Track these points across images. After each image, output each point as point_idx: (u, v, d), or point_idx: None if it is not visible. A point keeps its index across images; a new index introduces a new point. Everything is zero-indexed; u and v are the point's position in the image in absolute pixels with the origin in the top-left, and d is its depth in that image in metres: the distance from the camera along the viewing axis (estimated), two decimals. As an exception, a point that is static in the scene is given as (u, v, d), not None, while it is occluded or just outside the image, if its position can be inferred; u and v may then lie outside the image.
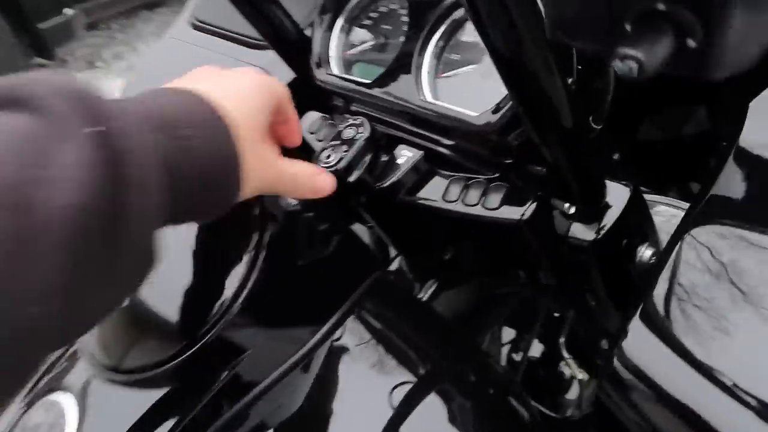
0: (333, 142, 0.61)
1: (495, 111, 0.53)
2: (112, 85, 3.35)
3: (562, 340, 0.78)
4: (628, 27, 0.19)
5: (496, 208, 0.55)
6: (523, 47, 0.36)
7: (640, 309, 0.46)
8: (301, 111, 0.80)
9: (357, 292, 0.54)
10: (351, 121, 0.59)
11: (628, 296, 0.61)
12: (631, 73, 0.19)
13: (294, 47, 0.72)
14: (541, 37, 0.36)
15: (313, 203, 0.57)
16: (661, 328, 0.44)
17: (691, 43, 0.18)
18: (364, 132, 0.58)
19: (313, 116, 0.75)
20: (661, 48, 0.18)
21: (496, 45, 0.37)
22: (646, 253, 0.60)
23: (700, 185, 0.66)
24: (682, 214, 0.51)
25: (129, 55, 3.63)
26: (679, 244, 0.47)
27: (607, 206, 0.57)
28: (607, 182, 0.57)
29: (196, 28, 0.99)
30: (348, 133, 0.59)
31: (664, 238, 0.63)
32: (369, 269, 0.58)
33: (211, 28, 0.97)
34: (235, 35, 0.93)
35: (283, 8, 0.68)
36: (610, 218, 0.56)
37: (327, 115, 0.74)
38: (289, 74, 0.81)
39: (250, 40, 0.90)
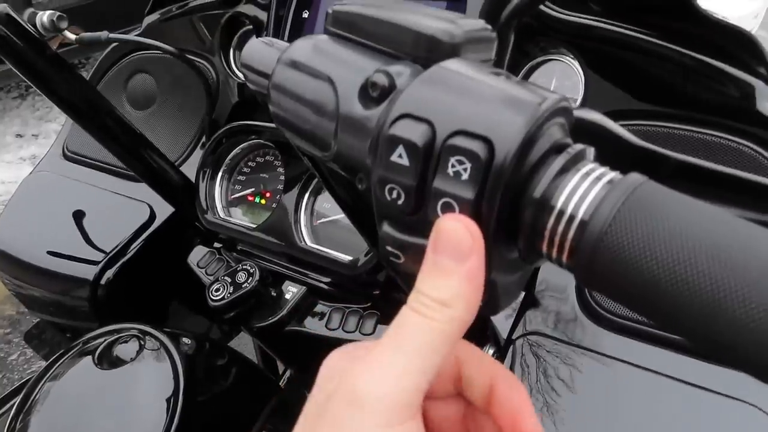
0: (225, 279, 0.69)
1: (366, 254, 0.66)
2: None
3: None
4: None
5: (372, 333, 0.67)
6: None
7: None
8: (188, 245, 0.87)
9: (261, 418, 0.62)
10: (245, 267, 0.69)
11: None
12: None
13: (174, 187, 0.80)
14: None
15: (206, 338, 0.65)
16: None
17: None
18: (253, 280, 0.68)
19: (201, 251, 0.83)
20: None
21: (357, 223, 0.50)
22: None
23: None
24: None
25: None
26: (510, 348, 0.62)
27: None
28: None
29: (68, 159, 1.02)
30: (241, 276, 0.68)
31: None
32: (268, 393, 0.66)
33: (84, 159, 1.01)
34: (111, 167, 0.97)
35: (159, 152, 0.75)
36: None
37: (214, 250, 0.82)
38: (170, 208, 0.88)
39: (126, 171, 0.95)
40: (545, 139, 0.26)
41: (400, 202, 0.27)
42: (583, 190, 0.25)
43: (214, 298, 0.68)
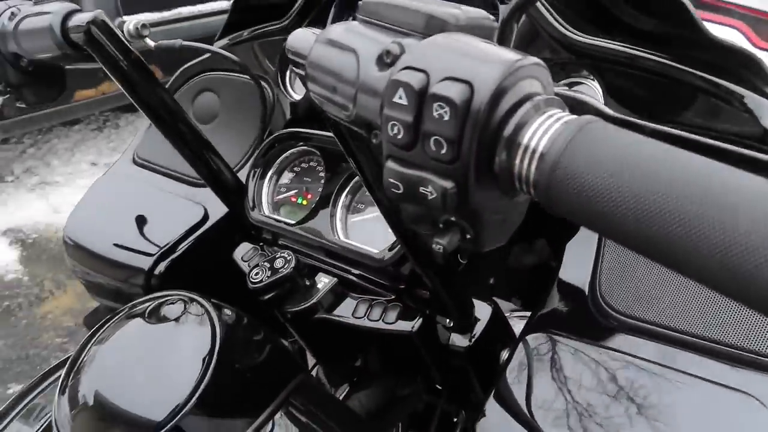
0: (264, 264, 0.76)
1: (390, 249, 0.72)
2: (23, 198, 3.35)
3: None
4: (441, 226, 0.38)
5: (393, 323, 0.72)
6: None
7: (492, 393, 0.64)
8: (236, 242, 0.95)
9: (284, 392, 0.68)
10: (282, 254, 0.76)
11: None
12: (439, 251, 0.37)
13: (230, 190, 0.89)
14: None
15: (245, 314, 0.71)
16: (511, 407, 0.62)
17: (468, 236, 0.37)
18: (289, 266, 0.74)
19: (246, 247, 0.91)
20: (453, 239, 0.36)
21: (381, 205, 0.56)
22: (505, 354, 0.78)
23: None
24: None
25: (41, 170, 3.65)
26: (520, 345, 0.66)
27: (476, 320, 0.75)
28: (475, 301, 0.75)
29: (137, 164, 1.14)
30: (278, 263, 0.75)
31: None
32: (293, 373, 0.72)
33: (152, 165, 1.12)
34: (174, 173, 1.08)
35: (221, 156, 0.85)
36: (478, 329, 0.75)
37: (258, 246, 0.90)
38: (224, 208, 0.97)
39: (187, 178, 1.06)
40: (518, 89, 0.32)
41: (399, 136, 0.34)
42: (544, 128, 0.31)
43: (253, 280, 0.75)
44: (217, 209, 0.99)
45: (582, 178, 0.28)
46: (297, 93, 1.00)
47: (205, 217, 0.99)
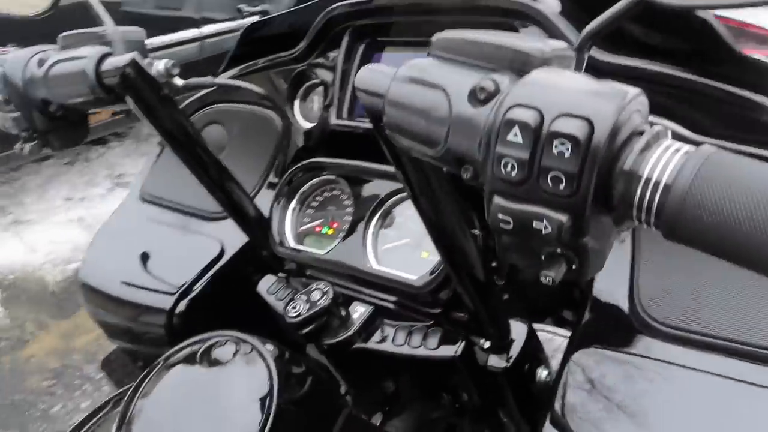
0: (301, 297, 0.76)
1: (431, 273, 0.72)
2: (-5, 239, 3.25)
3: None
4: (543, 257, 0.38)
5: (435, 348, 0.72)
6: (454, 234, 0.56)
7: (548, 417, 0.64)
8: (252, 273, 0.95)
9: (336, 427, 0.67)
10: (318, 287, 0.76)
11: (532, 410, 0.80)
12: (548, 282, 0.38)
13: (251, 220, 0.88)
14: (463, 225, 0.57)
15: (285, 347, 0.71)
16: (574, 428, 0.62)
17: (574, 266, 0.38)
18: (328, 298, 0.74)
19: (270, 279, 0.90)
20: (561, 269, 0.37)
21: (435, 234, 0.57)
22: (542, 373, 0.79)
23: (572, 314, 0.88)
24: (561, 339, 0.71)
25: (14, 208, 3.56)
26: (569, 363, 0.67)
27: (512, 340, 0.76)
28: (510, 321, 0.76)
29: (146, 201, 1.12)
30: (315, 295, 0.75)
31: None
32: (339, 406, 0.71)
33: (161, 201, 1.11)
34: (185, 208, 1.07)
35: (242, 188, 0.84)
36: (516, 348, 0.75)
37: (282, 278, 0.89)
38: (240, 241, 0.96)
39: (200, 212, 1.05)
40: (631, 122, 0.33)
41: (513, 173, 0.34)
42: (665, 159, 0.32)
43: (291, 315, 0.74)
44: (233, 243, 0.98)
45: (715, 207, 0.29)
46: (308, 121, 1.00)
47: (222, 252, 0.98)
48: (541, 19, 0.78)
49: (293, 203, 0.89)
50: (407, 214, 0.80)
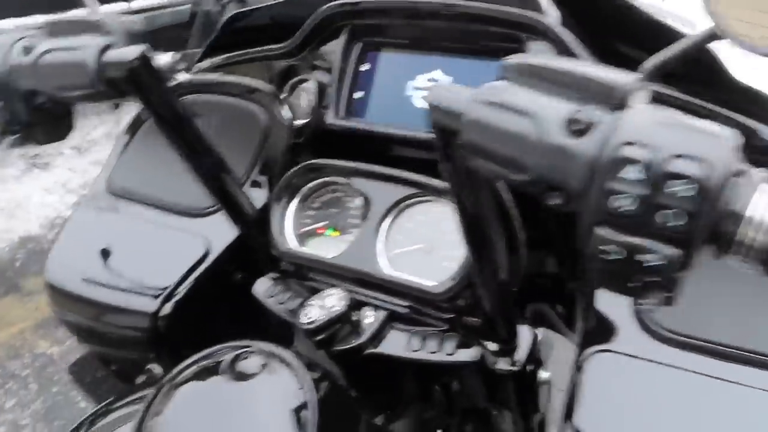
0: (313, 303, 0.74)
1: (453, 278, 0.72)
2: None
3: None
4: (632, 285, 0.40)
5: (452, 353, 0.73)
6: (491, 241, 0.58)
7: (559, 421, 0.67)
8: (246, 274, 0.91)
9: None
10: (332, 293, 0.74)
11: (533, 410, 0.83)
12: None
13: (248, 217, 0.84)
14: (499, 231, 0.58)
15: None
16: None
17: (667, 294, 0.40)
18: (344, 303, 0.73)
19: (267, 282, 0.87)
20: (659, 298, 0.39)
21: (472, 238, 0.58)
22: (543, 375, 0.81)
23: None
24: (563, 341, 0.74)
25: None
26: (580, 368, 0.69)
27: (517, 345, 0.78)
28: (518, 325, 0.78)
29: (114, 194, 1.04)
30: (330, 301, 0.74)
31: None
32: (357, 415, 0.70)
33: (133, 195, 1.03)
34: (164, 203, 1.00)
35: (238, 181, 0.81)
36: (522, 352, 0.77)
37: (279, 280, 0.87)
38: (227, 239, 0.92)
39: (181, 208, 0.99)
40: (736, 161, 0.36)
41: (624, 208, 0.36)
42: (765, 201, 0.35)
43: (304, 321, 0.73)
44: (219, 241, 0.94)
45: None
46: (300, 117, 0.97)
47: (207, 251, 0.94)
48: (548, 32, 0.80)
49: (294, 203, 0.87)
50: (417, 219, 0.80)
